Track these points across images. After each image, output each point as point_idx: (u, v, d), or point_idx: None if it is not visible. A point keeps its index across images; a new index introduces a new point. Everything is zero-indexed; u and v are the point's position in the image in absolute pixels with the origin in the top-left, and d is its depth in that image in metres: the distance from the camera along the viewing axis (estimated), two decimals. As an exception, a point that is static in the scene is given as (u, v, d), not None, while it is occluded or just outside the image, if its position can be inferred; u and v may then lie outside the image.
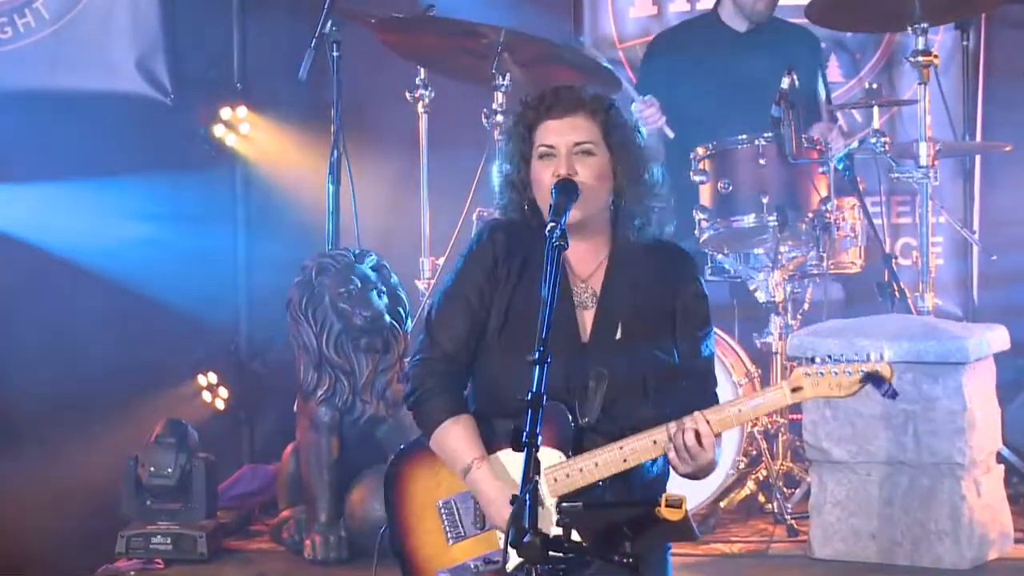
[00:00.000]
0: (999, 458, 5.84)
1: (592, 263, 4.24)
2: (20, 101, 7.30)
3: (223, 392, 7.56)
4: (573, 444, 4.05)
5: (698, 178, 6.27)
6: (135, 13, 7.45)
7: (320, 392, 5.87)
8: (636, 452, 4.02)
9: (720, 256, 6.38)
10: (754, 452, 6.19)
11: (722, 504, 6.10)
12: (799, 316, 6.47)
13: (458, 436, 4.13)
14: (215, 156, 7.63)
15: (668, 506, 3.80)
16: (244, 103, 7.62)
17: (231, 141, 7.63)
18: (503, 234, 4.24)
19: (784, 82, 6.09)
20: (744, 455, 6.11)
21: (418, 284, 6.78)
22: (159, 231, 7.28)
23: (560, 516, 3.81)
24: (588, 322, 4.19)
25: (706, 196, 6.30)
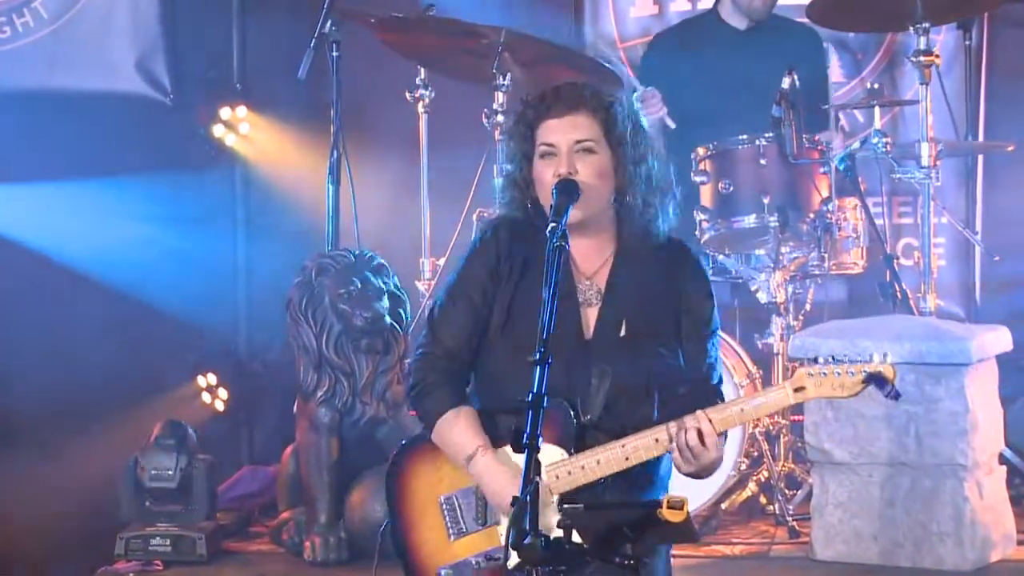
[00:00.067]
0: (1001, 459, 5.83)
1: (597, 260, 4.24)
2: (19, 101, 7.30)
3: (223, 393, 7.56)
4: (575, 441, 4.05)
5: (699, 178, 6.26)
6: (134, 13, 7.45)
7: (320, 393, 5.85)
8: (638, 450, 4.01)
9: (721, 257, 6.37)
10: (755, 453, 6.18)
11: (723, 505, 6.09)
12: (801, 317, 6.46)
13: (460, 427, 4.14)
14: (215, 156, 7.62)
15: (669, 507, 3.80)
16: (244, 103, 7.62)
17: (231, 141, 7.62)
18: (507, 231, 4.25)
19: (785, 82, 6.08)
20: (745, 456, 6.10)
21: (418, 285, 6.78)
22: (158, 231, 7.28)
23: (561, 517, 3.81)
24: (592, 319, 4.19)
25: (707, 196, 6.29)
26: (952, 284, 7.29)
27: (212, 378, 7.55)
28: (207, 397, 7.54)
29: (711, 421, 3.99)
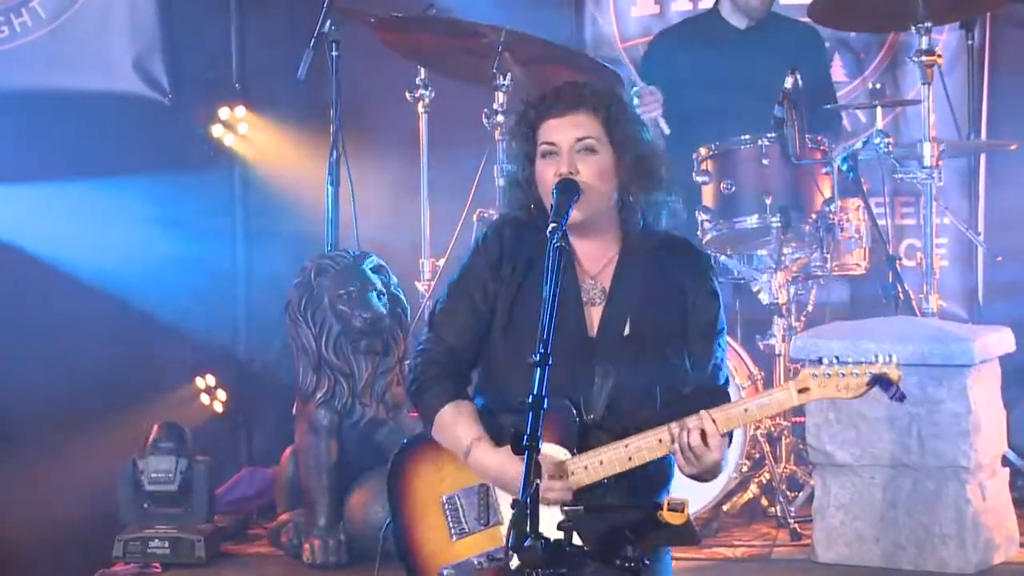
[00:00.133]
0: (1004, 461, 5.80)
1: (602, 260, 4.22)
2: (16, 101, 7.30)
3: (221, 395, 7.55)
4: (578, 441, 4.03)
5: (701, 178, 6.24)
6: (133, 12, 7.45)
7: (319, 395, 5.84)
8: (641, 451, 3.99)
9: (723, 257, 6.34)
10: (757, 455, 6.16)
11: (725, 508, 6.07)
12: (803, 318, 6.44)
13: (458, 420, 4.13)
14: (213, 156, 7.62)
15: (670, 510, 3.80)
16: (243, 103, 7.62)
17: (229, 141, 7.62)
18: (509, 231, 4.24)
19: (787, 82, 6.06)
20: (747, 458, 6.08)
21: (418, 286, 6.76)
22: (157, 231, 7.28)
23: (561, 519, 3.78)
24: (596, 318, 4.17)
25: (709, 197, 6.27)
26: (955, 285, 7.28)
27: (211, 379, 7.54)
28: (206, 398, 7.53)
29: (715, 421, 3.97)
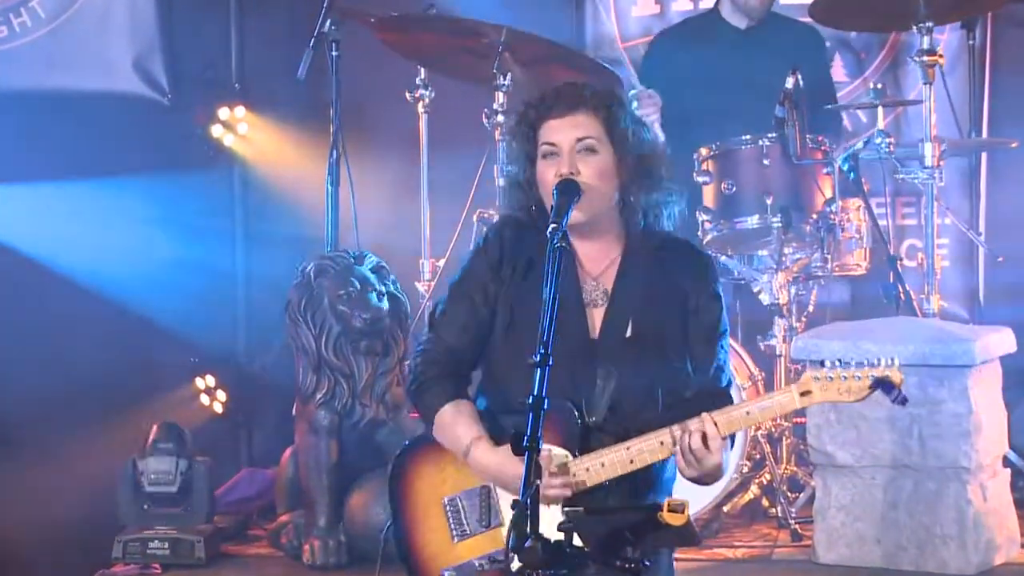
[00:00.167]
0: (1005, 462, 5.80)
1: (603, 261, 4.21)
2: (15, 101, 7.29)
3: (221, 395, 7.54)
4: (579, 443, 4.02)
5: (701, 179, 6.24)
6: (132, 12, 7.44)
7: (319, 395, 5.83)
8: (643, 453, 3.98)
9: (724, 258, 6.33)
10: (758, 456, 6.15)
11: (725, 508, 6.06)
12: (803, 319, 6.44)
13: (457, 420, 4.13)
14: (213, 157, 7.61)
15: (670, 511, 3.79)
16: (242, 103, 7.61)
17: (229, 141, 7.61)
18: (510, 232, 4.24)
19: (788, 82, 6.05)
20: (747, 459, 6.07)
21: (418, 286, 6.75)
22: (156, 231, 7.28)
23: (562, 520, 3.78)
24: (598, 320, 4.16)
25: (709, 197, 6.27)
26: (956, 285, 7.26)
27: (211, 380, 7.53)
28: (206, 399, 7.52)
29: (716, 424, 3.95)
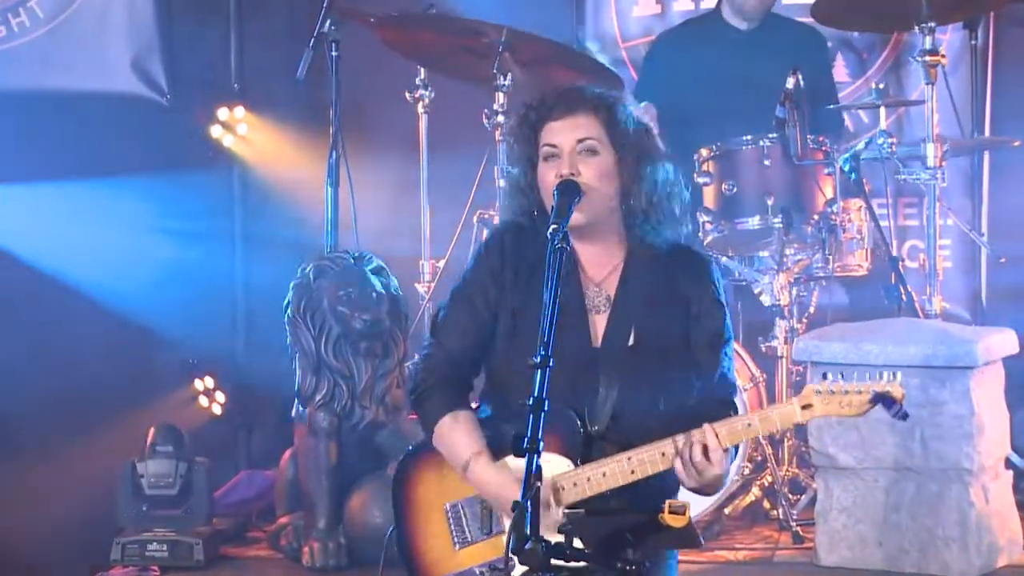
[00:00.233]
0: (1008, 464, 5.78)
1: (606, 266, 4.18)
2: (14, 101, 7.29)
3: (220, 397, 7.53)
4: (581, 452, 3.99)
5: (702, 179, 6.23)
6: (131, 12, 7.44)
7: (319, 397, 5.81)
8: (644, 464, 3.94)
9: (724, 259, 6.33)
10: (759, 458, 6.14)
11: (727, 510, 6.04)
12: (804, 320, 6.43)
13: (456, 433, 4.10)
14: (212, 157, 7.60)
15: (671, 513, 3.78)
16: (241, 103, 7.61)
17: (228, 142, 7.61)
18: (512, 236, 4.21)
19: (789, 82, 6.04)
20: (749, 461, 6.07)
21: (418, 287, 6.75)
22: (156, 232, 7.27)
23: (562, 522, 3.78)
24: (600, 327, 4.13)
25: (710, 198, 6.26)
26: (958, 287, 7.25)
27: (210, 381, 7.52)
28: (204, 400, 7.51)
29: (717, 436, 3.92)
